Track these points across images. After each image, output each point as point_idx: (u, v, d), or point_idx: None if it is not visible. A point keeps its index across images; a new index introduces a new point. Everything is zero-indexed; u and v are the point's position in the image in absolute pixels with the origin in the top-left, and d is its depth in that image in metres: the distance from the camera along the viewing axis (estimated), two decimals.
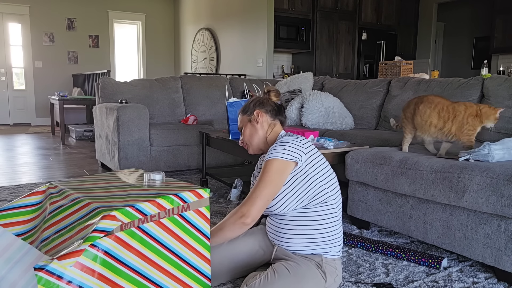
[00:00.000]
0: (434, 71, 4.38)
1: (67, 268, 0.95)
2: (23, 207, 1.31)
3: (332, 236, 1.49)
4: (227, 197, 2.88)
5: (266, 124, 1.65)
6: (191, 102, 4.17)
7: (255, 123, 1.65)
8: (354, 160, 2.18)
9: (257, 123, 1.65)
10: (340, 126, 3.40)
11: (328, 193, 1.48)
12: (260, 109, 1.66)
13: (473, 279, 1.68)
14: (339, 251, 1.52)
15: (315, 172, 1.47)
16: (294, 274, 1.39)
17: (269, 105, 1.68)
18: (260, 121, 1.65)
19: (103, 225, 1.05)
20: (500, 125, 2.57)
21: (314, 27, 6.40)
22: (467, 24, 8.09)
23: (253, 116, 1.66)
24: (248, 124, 1.67)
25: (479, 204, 1.64)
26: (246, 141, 1.68)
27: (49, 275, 0.93)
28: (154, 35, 9.38)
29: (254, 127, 1.65)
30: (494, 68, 6.55)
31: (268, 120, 1.66)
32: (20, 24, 8.15)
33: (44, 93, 8.42)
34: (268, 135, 1.65)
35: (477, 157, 1.79)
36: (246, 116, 1.68)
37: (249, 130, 1.66)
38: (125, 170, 1.57)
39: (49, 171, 3.84)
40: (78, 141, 6.01)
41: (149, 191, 1.25)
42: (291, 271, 1.40)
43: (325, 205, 1.48)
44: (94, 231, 1.03)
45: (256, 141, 1.66)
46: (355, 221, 2.30)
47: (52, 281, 0.93)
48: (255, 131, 1.65)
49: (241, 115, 1.71)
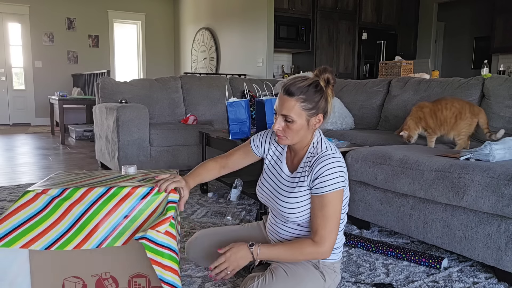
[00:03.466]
0: (434, 71, 4.37)
1: (159, 235, 1.22)
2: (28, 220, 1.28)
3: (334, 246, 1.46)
4: (227, 197, 2.88)
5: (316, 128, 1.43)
6: (191, 102, 4.16)
7: (312, 127, 1.39)
8: (354, 160, 2.18)
9: (314, 128, 1.40)
10: (340, 126, 3.40)
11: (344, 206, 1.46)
12: (323, 112, 1.38)
13: (473, 279, 1.68)
14: (337, 256, 1.50)
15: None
16: (292, 276, 1.38)
17: (331, 107, 1.41)
18: (318, 126, 1.40)
19: (172, 197, 1.33)
20: (500, 125, 2.56)
21: (314, 27, 6.40)
22: (468, 24, 8.08)
23: (314, 119, 1.38)
24: (303, 122, 1.36)
25: (479, 204, 1.63)
26: (288, 135, 1.38)
27: (149, 242, 1.20)
28: (154, 35, 9.38)
29: (310, 129, 1.39)
30: (495, 68, 6.54)
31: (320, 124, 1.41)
32: (20, 24, 8.14)
33: (43, 93, 8.42)
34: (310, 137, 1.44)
35: (478, 157, 1.79)
36: (306, 112, 1.35)
37: (300, 128, 1.37)
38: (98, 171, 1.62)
39: (49, 171, 3.83)
40: (78, 141, 6.01)
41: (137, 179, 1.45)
42: (289, 273, 1.39)
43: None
44: (169, 202, 1.31)
45: (298, 140, 1.41)
46: (355, 221, 2.30)
47: (152, 246, 1.21)
48: (306, 133, 1.40)
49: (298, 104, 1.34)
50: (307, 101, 1.34)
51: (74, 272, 1.32)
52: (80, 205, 1.28)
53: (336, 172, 1.34)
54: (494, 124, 2.60)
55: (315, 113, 1.36)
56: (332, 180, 1.33)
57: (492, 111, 2.63)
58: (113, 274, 1.35)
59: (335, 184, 1.33)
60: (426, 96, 3.05)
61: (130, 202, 1.31)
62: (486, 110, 2.68)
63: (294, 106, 1.34)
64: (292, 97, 1.34)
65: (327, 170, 1.34)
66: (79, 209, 1.28)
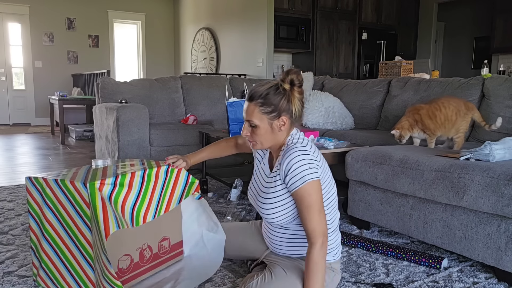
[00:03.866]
0: (434, 71, 4.37)
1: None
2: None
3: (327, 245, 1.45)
4: (227, 197, 2.88)
5: (287, 131, 1.41)
6: (191, 102, 4.16)
7: (277, 130, 1.39)
8: (354, 159, 2.18)
9: (280, 130, 1.39)
10: (340, 126, 3.40)
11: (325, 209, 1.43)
12: (286, 113, 1.37)
13: (473, 279, 1.68)
14: (335, 256, 1.49)
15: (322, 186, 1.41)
16: (290, 275, 1.39)
17: (296, 108, 1.38)
18: (284, 129, 1.39)
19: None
20: (500, 125, 2.56)
21: (314, 27, 6.40)
22: (468, 24, 8.08)
23: (277, 122, 1.37)
24: (266, 126, 1.38)
25: (479, 204, 1.63)
26: (257, 141, 1.41)
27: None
28: (154, 35, 9.38)
29: (275, 133, 1.39)
30: (495, 68, 6.54)
31: (289, 125, 1.40)
32: (20, 24, 8.14)
33: (43, 93, 8.42)
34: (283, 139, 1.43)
35: (478, 157, 1.79)
36: (267, 116, 1.36)
37: (266, 133, 1.39)
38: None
39: (49, 171, 3.83)
40: (78, 141, 6.01)
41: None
42: (287, 272, 1.40)
43: None
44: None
45: (269, 144, 1.42)
46: (355, 221, 2.30)
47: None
48: (273, 136, 1.40)
49: (258, 109, 1.36)
50: (266, 104, 1.35)
51: (125, 251, 1.50)
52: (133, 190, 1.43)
53: (304, 165, 1.32)
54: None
55: (276, 116, 1.36)
56: (301, 173, 1.32)
57: (492, 111, 2.63)
58: (149, 244, 1.60)
59: (306, 176, 1.32)
60: (426, 96, 3.05)
61: (160, 178, 1.55)
62: (486, 110, 2.68)
63: (254, 111, 1.37)
64: (251, 102, 1.37)
65: (294, 164, 1.33)
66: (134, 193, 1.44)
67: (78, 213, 1.39)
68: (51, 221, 1.46)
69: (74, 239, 1.42)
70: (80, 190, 1.35)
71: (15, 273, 1.70)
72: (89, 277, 1.42)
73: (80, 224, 1.39)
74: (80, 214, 1.38)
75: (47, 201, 1.45)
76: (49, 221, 1.46)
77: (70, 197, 1.39)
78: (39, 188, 1.47)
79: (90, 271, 1.42)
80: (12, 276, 1.67)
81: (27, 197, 1.52)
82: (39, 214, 1.49)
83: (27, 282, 1.62)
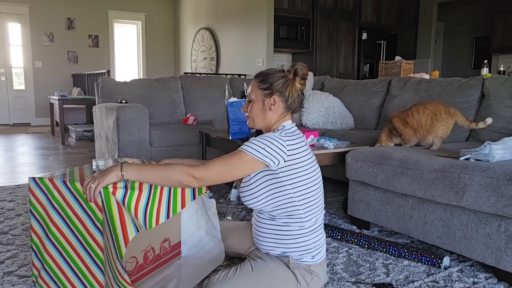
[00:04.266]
0: (434, 71, 4.37)
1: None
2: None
3: (302, 245, 1.43)
4: (227, 197, 2.88)
5: (278, 113, 1.46)
6: (191, 102, 4.16)
7: (267, 107, 1.46)
8: (354, 160, 2.18)
9: (270, 109, 1.46)
10: (340, 126, 3.40)
11: (297, 207, 1.40)
12: (280, 95, 1.44)
13: (473, 279, 1.68)
14: (314, 258, 1.45)
15: (288, 183, 1.38)
16: (257, 272, 1.37)
17: (291, 94, 1.45)
18: (274, 108, 1.45)
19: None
20: (500, 125, 2.56)
21: (314, 27, 6.40)
22: (468, 24, 8.08)
23: (269, 100, 1.45)
24: (259, 103, 1.47)
25: (479, 204, 1.63)
26: (251, 116, 1.50)
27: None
28: (154, 35, 9.38)
29: (265, 110, 1.47)
30: (495, 68, 6.54)
31: (281, 109, 1.46)
32: (19, 24, 8.14)
33: (43, 93, 8.42)
34: (275, 123, 1.48)
35: (477, 157, 1.79)
36: (261, 92, 1.46)
37: (258, 110, 1.47)
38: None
39: (49, 171, 3.83)
40: (78, 141, 6.01)
41: None
42: (255, 268, 1.39)
43: (291, 218, 1.42)
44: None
45: (261, 123, 1.50)
46: (355, 221, 2.30)
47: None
48: (264, 114, 1.47)
49: (256, 85, 1.47)
50: (263, 81, 1.46)
51: (131, 253, 1.51)
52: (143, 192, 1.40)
53: (262, 143, 1.36)
54: (494, 124, 2.60)
55: (269, 94, 1.45)
56: (253, 145, 1.37)
57: (492, 111, 2.63)
58: (153, 245, 1.61)
59: (253, 150, 1.35)
60: (426, 96, 3.05)
61: None
62: (486, 110, 2.68)
63: (253, 86, 1.49)
64: (255, 79, 1.50)
65: (259, 137, 1.39)
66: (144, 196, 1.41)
67: (89, 215, 1.37)
68: (56, 222, 1.44)
69: (83, 241, 1.41)
70: None
71: (15, 273, 1.70)
72: (97, 279, 1.41)
73: (90, 227, 1.38)
74: (91, 217, 1.37)
75: (53, 202, 1.43)
76: (54, 223, 1.44)
77: (80, 199, 1.37)
78: (44, 189, 1.45)
79: (99, 273, 1.40)
80: (12, 276, 1.67)
81: (29, 197, 1.49)
82: (43, 215, 1.47)
83: (27, 282, 1.62)
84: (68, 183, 1.39)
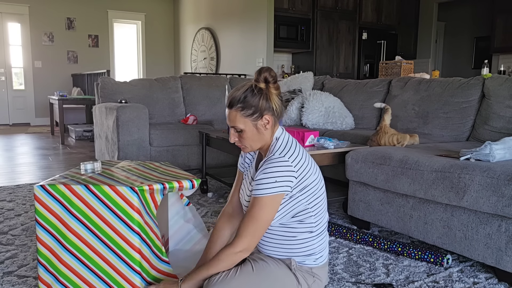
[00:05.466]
0: (434, 70, 4.37)
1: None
2: None
3: (308, 249, 1.42)
4: (227, 197, 2.87)
5: (272, 127, 1.41)
6: (191, 102, 4.16)
7: (262, 129, 1.39)
8: (354, 160, 2.17)
9: (265, 129, 1.39)
10: (341, 126, 3.40)
11: (310, 213, 1.40)
12: (268, 111, 1.37)
13: (473, 280, 1.68)
14: (317, 261, 1.45)
15: (302, 194, 1.37)
16: (257, 273, 1.36)
17: (276, 103, 1.39)
18: (269, 127, 1.39)
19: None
20: (500, 125, 2.56)
21: (314, 26, 6.40)
22: (468, 23, 8.08)
23: (261, 121, 1.37)
24: (252, 128, 1.38)
25: (479, 204, 1.63)
26: (246, 145, 1.42)
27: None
28: (154, 35, 9.37)
29: (261, 133, 1.39)
30: (495, 68, 6.54)
31: (273, 122, 1.40)
32: (19, 24, 8.14)
33: (43, 93, 8.41)
34: (270, 137, 1.43)
35: (478, 157, 1.79)
36: (249, 118, 1.37)
37: (253, 135, 1.39)
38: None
39: (49, 171, 3.83)
40: (78, 141, 6.01)
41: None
42: (255, 269, 1.38)
43: (301, 223, 1.41)
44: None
45: (258, 145, 1.43)
46: (355, 221, 2.29)
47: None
48: (260, 136, 1.40)
49: (239, 114, 1.37)
50: (246, 108, 1.36)
51: None
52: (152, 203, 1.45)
53: (271, 178, 1.31)
54: (494, 124, 2.60)
55: (258, 116, 1.37)
56: (264, 184, 1.31)
57: (492, 111, 2.63)
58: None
59: (267, 189, 1.31)
60: (426, 96, 3.05)
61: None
62: (486, 110, 2.68)
63: (236, 116, 1.37)
64: (232, 109, 1.37)
65: (263, 174, 1.32)
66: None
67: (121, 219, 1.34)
68: (76, 230, 1.37)
69: (112, 245, 1.36)
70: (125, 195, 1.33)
71: (15, 273, 1.70)
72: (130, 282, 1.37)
73: (123, 229, 1.35)
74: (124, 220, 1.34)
75: (71, 209, 1.36)
76: (73, 230, 1.37)
77: (110, 203, 1.34)
78: (58, 196, 1.37)
79: (134, 275, 1.37)
80: (12, 276, 1.67)
81: (35, 207, 1.39)
82: (56, 225, 1.38)
83: (26, 282, 1.62)
84: (93, 188, 1.34)
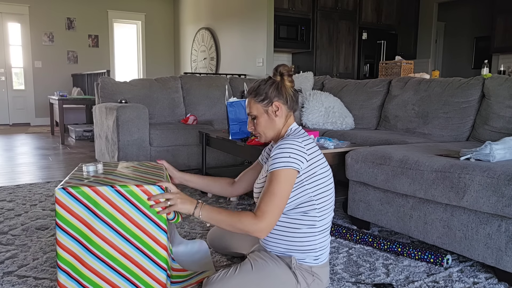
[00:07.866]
0: (434, 70, 4.37)
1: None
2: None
3: (308, 245, 1.43)
4: (227, 197, 2.87)
5: (283, 116, 1.50)
6: (191, 102, 4.16)
7: (273, 115, 1.50)
8: (354, 160, 2.17)
9: (276, 116, 1.49)
10: (340, 126, 3.40)
11: (314, 205, 1.42)
12: (279, 99, 1.48)
13: (473, 280, 1.68)
14: (317, 260, 1.45)
15: (309, 181, 1.41)
16: (256, 271, 1.37)
17: (288, 94, 1.49)
18: (279, 114, 1.49)
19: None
20: (500, 125, 2.56)
21: (314, 26, 6.39)
22: (468, 23, 8.08)
23: (271, 108, 1.49)
24: (264, 115, 1.50)
25: (479, 204, 1.63)
26: (260, 131, 1.53)
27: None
28: (153, 35, 9.37)
29: (272, 119, 1.50)
30: (495, 68, 6.54)
31: (285, 111, 1.50)
32: (19, 24, 8.14)
33: (43, 93, 8.41)
34: (283, 128, 1.52)
35: (478, 157, 1.79)
36: (262, 105, 1.49)
37: (265, 122, 1.50)
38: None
39: (49, 171, 3.83)
40: (78, 141, 6.01)
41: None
42: (254, 268, 1.38)
43: (305, 215, 1.42)
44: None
45: (271, 133, 1.52)
46: (355, 221, 2.29)
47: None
48: (272, 123, 1.51)
49: (253, 101, 1.51)
50: (258, 94, 1.50)
51: None
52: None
53: (285, 152, 1.38)
54: (494, 124, 2.60)
55: (269, 102, 1.49)
56: (279, 159, 1.37)
57: (492, 111, 2.63)
58: None
59: (284, 162, 1.37)
60: (426, 96, 3.05)
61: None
62: (486, 110, 2.68)
63: (250, 103, 1.53)
64: (248, 97, 1.54)
65: (279, 149, 1.39)
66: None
67: (151, 219, 1.35)
68: (102, 232, 1.35)
69: (140, 245, 1.36)
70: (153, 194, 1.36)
71: (15, 273, 1.70)
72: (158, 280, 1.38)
73: (152, 229, 1.36)
74: (153, 219, 1.35)
75: (97, 211, 1.34)
76: (98, 233, 1.35)
77: (138, 203, 1.34)
78: (83, 199, 1.33)
79: (161, 273, 1.37)
80: (12, 276, 1.67)
81: (56, 211, 1.34)
82: (80, 229, 1.35)
83: (27, 282, 1.62)
84: (120, 188, 1.34)
